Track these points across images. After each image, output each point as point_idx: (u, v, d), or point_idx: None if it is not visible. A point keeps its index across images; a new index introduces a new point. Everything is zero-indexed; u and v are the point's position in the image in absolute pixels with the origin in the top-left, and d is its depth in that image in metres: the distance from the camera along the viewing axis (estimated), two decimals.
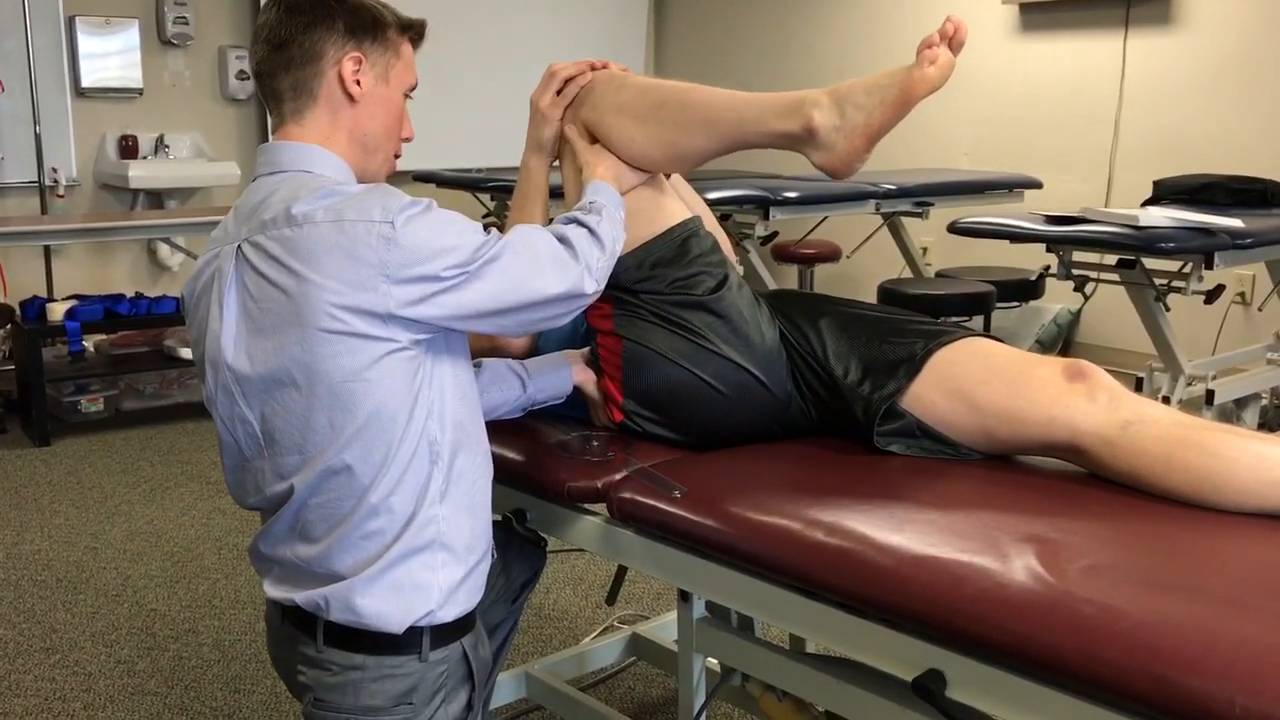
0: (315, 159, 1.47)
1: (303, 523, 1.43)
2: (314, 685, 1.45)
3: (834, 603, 1.35)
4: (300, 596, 1.43)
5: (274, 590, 1.47)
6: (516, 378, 1.76)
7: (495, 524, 1.66)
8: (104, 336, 4.78)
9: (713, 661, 1.78)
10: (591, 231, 1.52)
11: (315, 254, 1.34)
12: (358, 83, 1.47)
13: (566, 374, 1.79)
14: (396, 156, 1.57)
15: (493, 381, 1.74)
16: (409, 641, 1.41)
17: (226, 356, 1.41)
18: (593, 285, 1.48)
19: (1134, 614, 1.11)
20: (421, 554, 1.41)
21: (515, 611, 1.83)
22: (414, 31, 1.55)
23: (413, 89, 1.56)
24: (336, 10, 1.47)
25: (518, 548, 1.77)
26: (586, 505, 1.68)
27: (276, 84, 1.47)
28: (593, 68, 1.79)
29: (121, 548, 3.30)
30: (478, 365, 1.72)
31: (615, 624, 2.79)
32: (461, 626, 1.47)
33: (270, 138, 1.52)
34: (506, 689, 2.21)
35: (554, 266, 1.44)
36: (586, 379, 1.79)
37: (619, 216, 1.60)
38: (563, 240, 1.48)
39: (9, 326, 4.59)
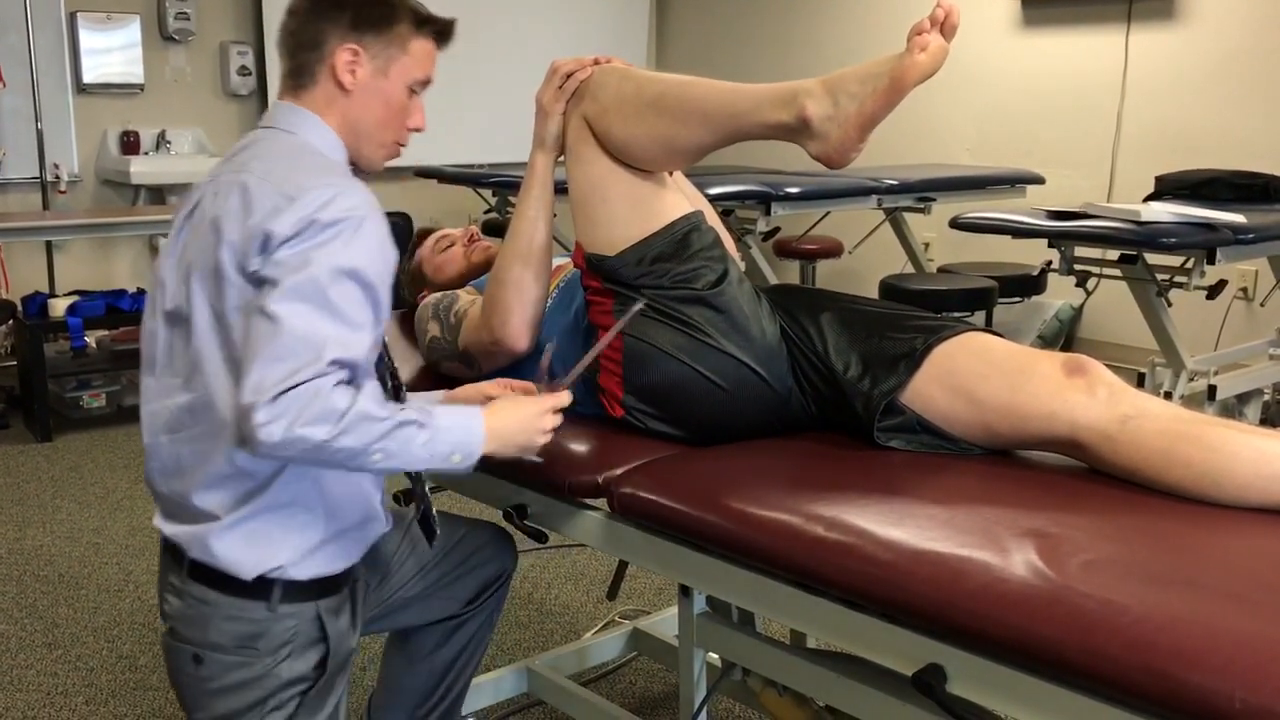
0: (305, 124, 1.52)
1: (177, 455, 1.47)
2: (173, 615, 1.50)
3: (834, 598, 1.35)
4: (169, 529, 1.49)
5: (157, 520, 1.53)
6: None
7: (450, 515, 1.76)
8: (106, 332, 4.79)
9: (713, 656, 1.78)
10: (400, 424, 1.35)
11: (231, 205, 1.40)
12: (352, 74, 1.51)
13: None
14: (401, 145, 1.58)
15: None
16: (259, 589, 1.45)
17: (160, 268, 1.50)
18: (278, 431, 1.28)
19: (1134, 609, 1.11)
20: (281, 510, 1.45)
21: (480, 612, 1.82)
22: (432, 28, 1.56)
23: (424, 84, 1.57)
24: (347, 3, 1.51)
25: (470, 550, 1.78)
26: (587, 500, 1.68)
27: (286, 59, 1.55)
28: (596, 63, 1.79)
29: (123, 543, 3.31)
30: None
31: (616, 619, 2.79)
32: (319, 588, 1.49)
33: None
34: (508, 684, 2.21)
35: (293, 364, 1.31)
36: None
37: (423, 453, 1.39)
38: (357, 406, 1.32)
39: (11, 322, 4.60)
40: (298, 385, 1.28)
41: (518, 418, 1.50)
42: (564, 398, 1.56)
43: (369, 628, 1.71)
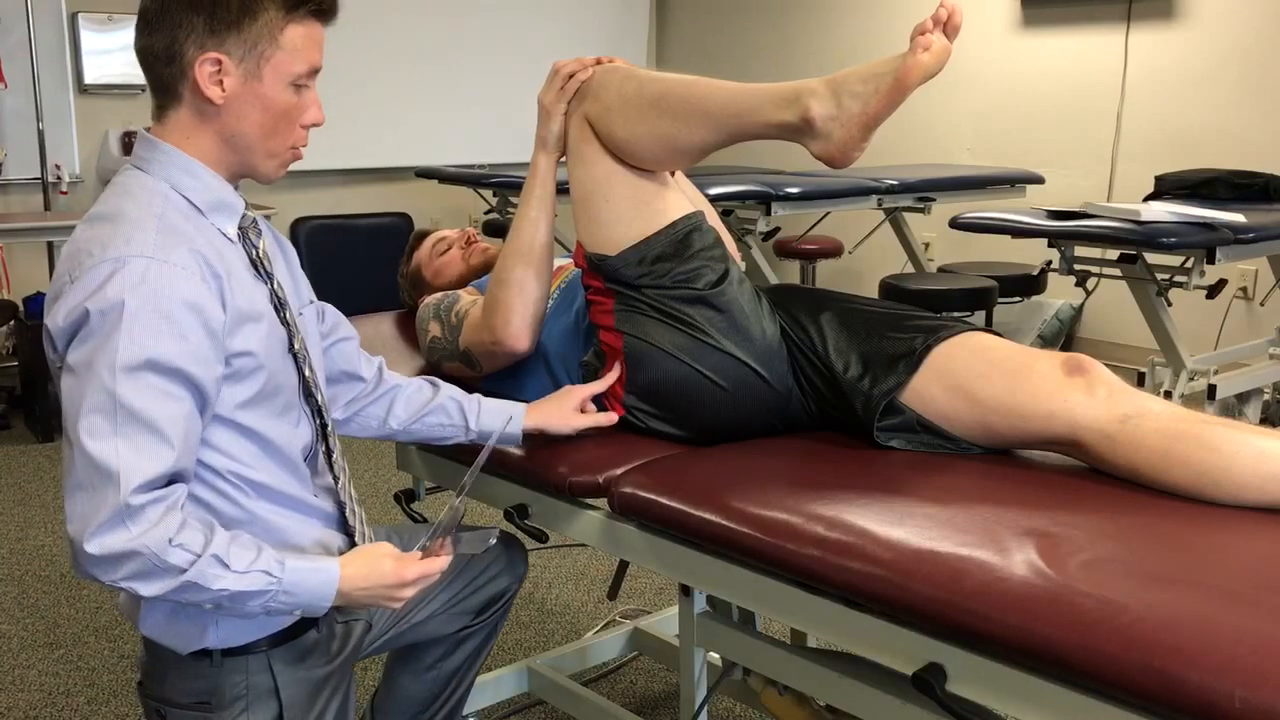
0: (161, 160, 1.36)
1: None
2: (140, 666, 1.48)
3: (835, 597, 1.35)
4: (117, 599, 1.45)
5: None
6: (461, 417, 1.68)
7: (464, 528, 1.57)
8: None
9: (714, 656, 1.78)
10: (218, 559, 1.24)
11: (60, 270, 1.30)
12: (219, 86, 1.32)
13: (517, 425, 1.69)
14: (298, 148, 1.41)
15: (438, 411, 1.68)
16: (200, 653, 1.40)
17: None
18: (97, 561, 1.21)
19: (1134, 608, 1.11)
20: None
21: (486, 625, 1.79)
22: (308, 9, 1.35)
23: (311, 74, 1.38)
24: (199, 2, 1.31)
25: (482, 566, 1.75)
26: (588, 500, 1.68)
27: (146, 75, 1.37)
28: (598, 63, 1.80)
29: None
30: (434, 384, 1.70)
31: (617, 619, 2.80)
32: (268, 641, 1.43)
33: None
34: (509, 683, 2.22)
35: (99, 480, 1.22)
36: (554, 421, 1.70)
37: (268, 605, 1.30)
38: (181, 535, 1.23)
39: (12, 323, 4.60)
40: (108, 524, 1.20)
41: (372, 579, 1.35)
42: (439, 563, 1.40)
43: (377, 649, 1.67)
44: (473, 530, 1.49)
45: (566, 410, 1.71)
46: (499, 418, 1.69)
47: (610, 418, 1.73)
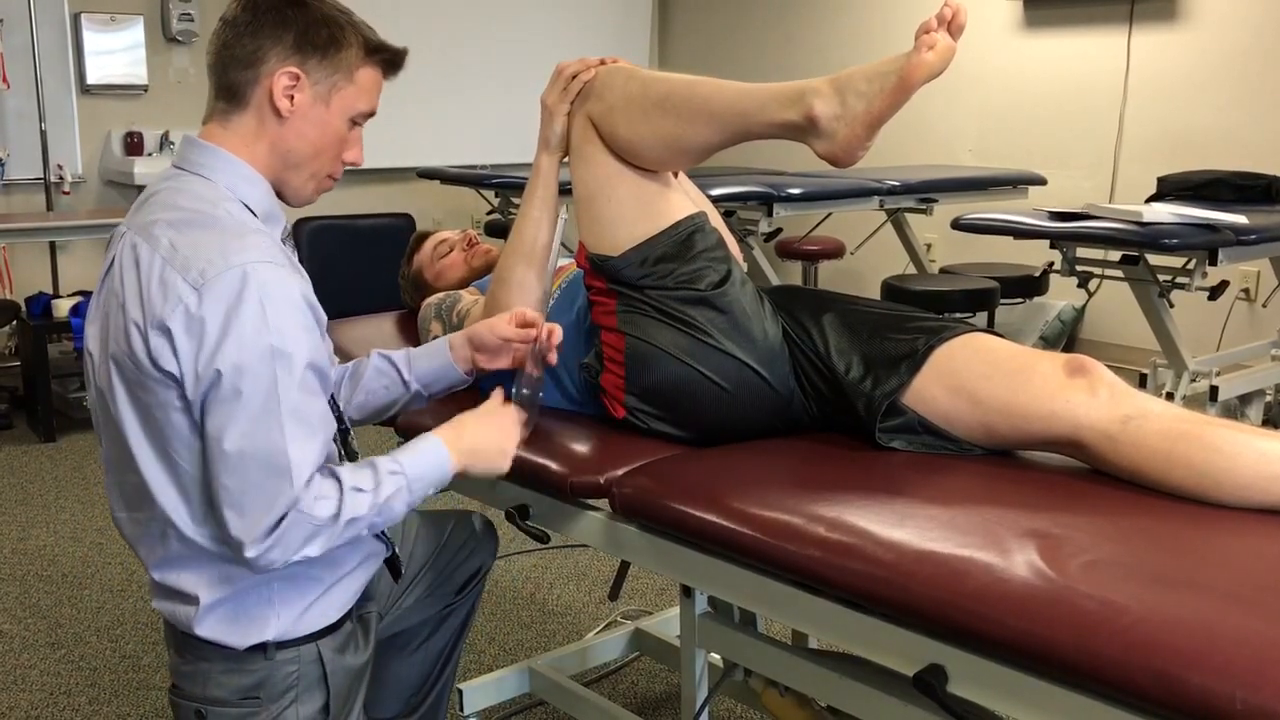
0: (223, 167, 1.40)
1: (138, 535, 1.44)
2: (173, 671, 1.48)
3: (836, 598, 1.35)
4: (155, 604, 1.46)
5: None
6: (392, 367, 1.69)
7: (431, 513, 1.76)
8: None
9: (715, 657, 1.79)
10: (350, 519, 1.35)
11: (131, 280, 1.33)
12: (289, 99, 1.39)
13: (448, 361, 1.70)
14: (334, 179, 1.49)
15: (375, 379, 1.68)
16: (254, 648, 1.42)
17: (87, 335, 1.43)
18: (271, 549, 1.31)
19: (1135, 609, 1.11)
20: (266, 586, 1.41)
21: (466, 601, 1.84)
22: (383, 57, 1.46)
23: (366, 116, 1.47)
24: (292, 20, 1.39)
25: (458, 546, 1.79)
26: (589, 501, 1.68)
27: (216, 75, 1.42)
28: (601, 63, 1.80)
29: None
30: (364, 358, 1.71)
31: (618, 619, 2.80)
32: (319, 633, 1.47)
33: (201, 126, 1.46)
34: (510, 684, 2.22)
35: (274, 478, 1.31)
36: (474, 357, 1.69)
37: (405, 509, 1.43)
38: (330, 494, 1.34)
39: (15, 323, 4.61)
40: (281, 519, 1.30)
41: (485, 438, 1.52)
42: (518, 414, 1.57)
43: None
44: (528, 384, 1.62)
45: (498, 323, 1.68)
46: (435, 353, 1.69)
47: (529, 334, 1.66)
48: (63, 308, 4.41)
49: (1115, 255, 3.17)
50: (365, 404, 1.69)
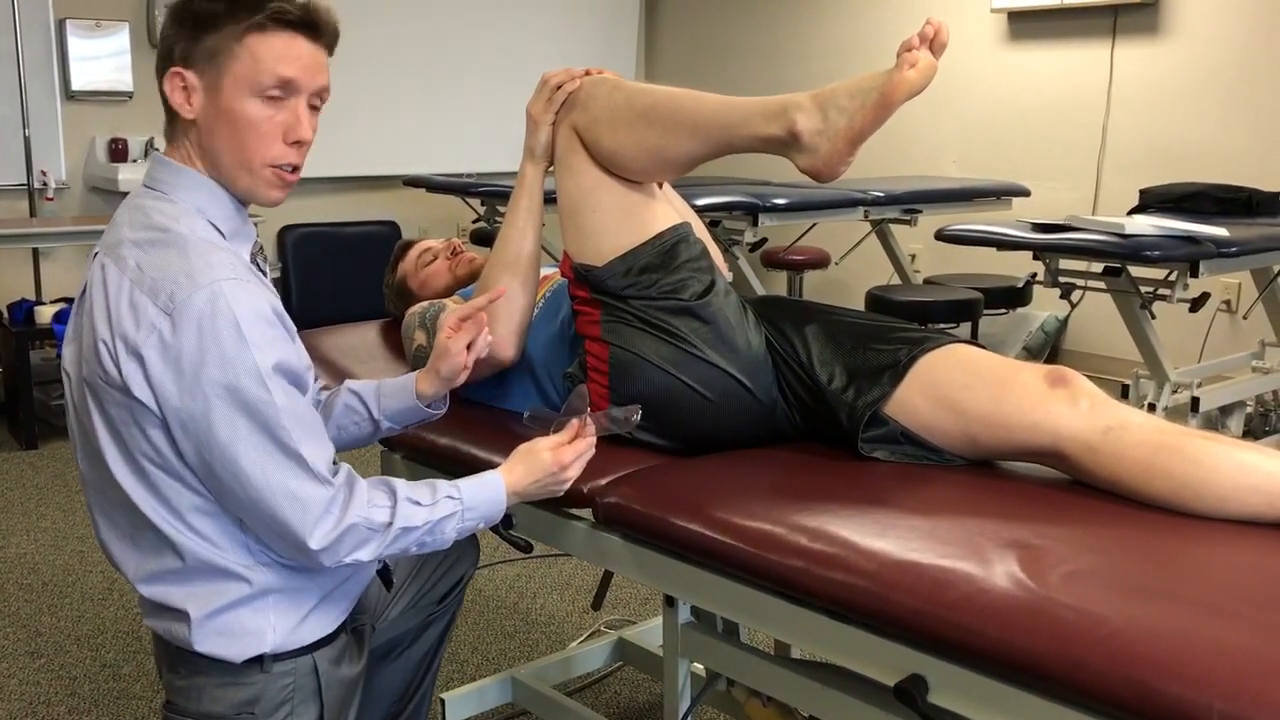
0: (184, 184, 1.36)
1: (125, 554, 1.42)
2: (167, 686, 1.47)
3: (818, 608, 1.35)
4: (148, 621, 1.45)
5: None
6: (361, 404, 1.66)
7: None
8: None
9: (698, 666, 1.79)
10: (404, 528, 1.37)
11: (100, 301, 1.31)
12: (187, 102, 1.32)
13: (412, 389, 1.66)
14: (284, 165, 1.36)
15: (346, 415, 1.66)
16: (250, 661, 1.41)
17: (65, 356, 1.40)
18: (323, 551, 1.33)
19: (1114, 619, 1.12)
20: (259, 599, 1.40)
21: (448, 610, 1.84)
22: (272, 16, 1.30)
23: (282, 85, 1.31)
24: (174, 19, 1.32)
25: (441, 555, 1.76)
26: (573, 510, 1.68)
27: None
28: (586, 74, 1.80)
29: None
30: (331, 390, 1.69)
31: (601, 629, 2.79)
32: (314, 644, 1.46)
33: None
34: (493, 694, 2.21)
35: (290, 490, 1.31)
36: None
37: (459, 525, 1.44)
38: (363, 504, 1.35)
39: None
40: (321, 517, 1.31)
41: (535, 472, 1.50)
42: (588, 442, 1.53)
43: None
44: (620, 409, 1.59)
45: (447, 343, 1.63)
46: (402, 392, 1.65)
47: (480, 318, 1.62)
48: (45, 314, 4.39)
49: (1098, 267, 3.19)
50: (336, 438, 1.67)
